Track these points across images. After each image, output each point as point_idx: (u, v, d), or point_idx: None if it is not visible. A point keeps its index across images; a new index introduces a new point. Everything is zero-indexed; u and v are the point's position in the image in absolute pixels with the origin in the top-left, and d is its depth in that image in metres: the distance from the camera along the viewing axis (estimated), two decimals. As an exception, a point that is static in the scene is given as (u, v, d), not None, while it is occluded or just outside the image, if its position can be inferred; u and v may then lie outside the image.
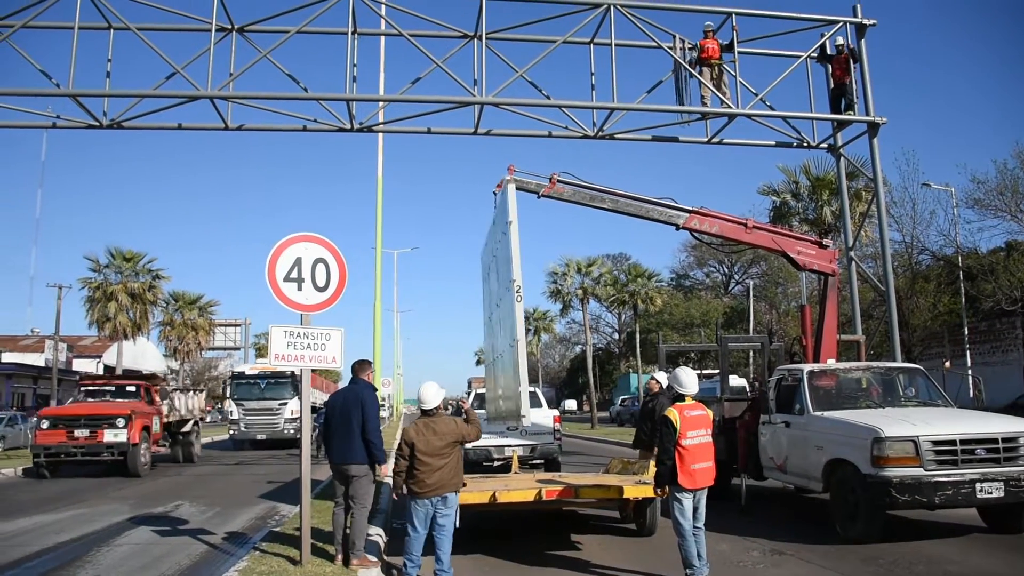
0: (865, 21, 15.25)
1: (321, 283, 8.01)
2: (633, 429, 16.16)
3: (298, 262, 7.93)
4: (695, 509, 7.24)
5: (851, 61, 15.18)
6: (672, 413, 7.24)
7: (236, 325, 76.34)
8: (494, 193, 13.40)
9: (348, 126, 14.58)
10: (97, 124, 14.24)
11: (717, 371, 20.62)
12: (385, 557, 8.56)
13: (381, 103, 15.05)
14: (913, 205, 31.07)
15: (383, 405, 58.47)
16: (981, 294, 30.84)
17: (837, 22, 15.34)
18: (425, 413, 7.66)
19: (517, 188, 12.53)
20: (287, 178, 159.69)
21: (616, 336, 76.63)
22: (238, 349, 77.25)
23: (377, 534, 9.05)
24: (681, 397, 7.46)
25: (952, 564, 7.95)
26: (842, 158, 16.45)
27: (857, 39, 15.30)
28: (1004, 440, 8.67)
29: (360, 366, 8.30)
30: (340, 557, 7.75)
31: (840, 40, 15.24)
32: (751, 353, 39.70)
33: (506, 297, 11.91)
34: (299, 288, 7.94)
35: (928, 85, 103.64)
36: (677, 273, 72.00)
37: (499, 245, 12.41)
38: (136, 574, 8.45)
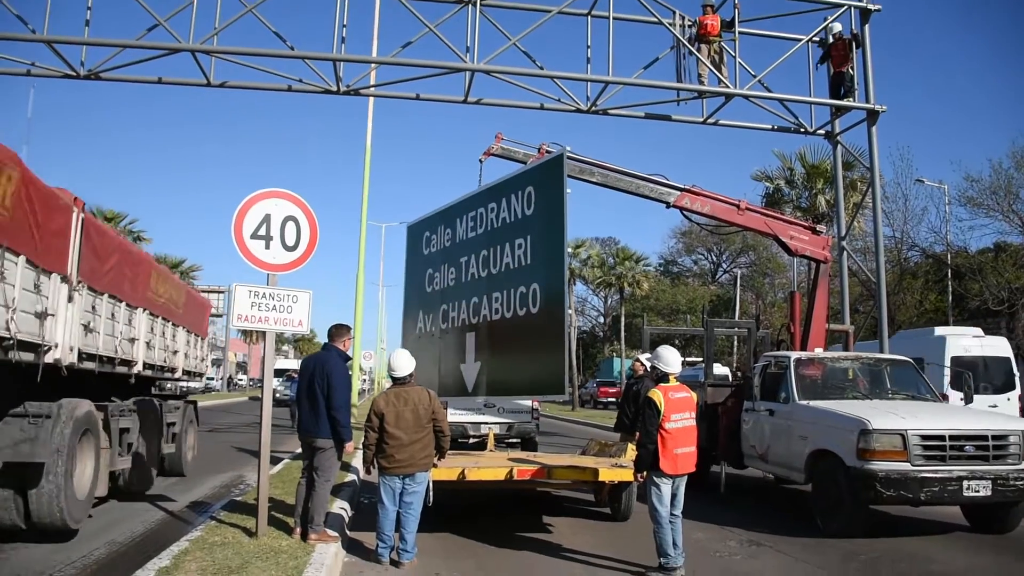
0: (870, 6, 14.87)
1: (291, 242, 7.59)
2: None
3: (267, 219, 7.50)
4: (673, 496, 6.94)
5: (853, 46, 14.79)
6: (656, 394, 6.90)
7: (220, 292, 75.09)
8: (480, 161, 13.03)
9: (334, 88, 14.08)
10: (74, 74, 13.70)
11: (701, 358, 20.36)
12: (349, 532, 8.23)
13: (373, 65, 14.58)
14: (905, 201, 30.97)
15: (364, 378, 57.59)
16: (968, 293, 30.75)
17: (841, 6, 14.95)
18: (396, 382, 7.36)
19: (504, 157, 11.98)
20: (275, 147, 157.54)
21: (601, 320, 76.44)
22: (220, 316, 76.45)
23: (342, 508, 8.72)
24: (665, 378, 7.14)
25: (936, 563, 7.68)
26: (839, 146, 16.13)
27: (861, 24, 14.93)
28: (994, 437, 8.45)
29: (336, 331, 7.87)
30: (299, 531, 7.37)
31: (839, 27, 14.84)
32: (735, 341, 39.58)
33: (532, 269, 9.85)
34: (267, 246, 7.52)
35: (927, 79, 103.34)
36: (665, 259, 71.73)
37: (520, 215, 10.25)
38: (85, 540, 8.03)
